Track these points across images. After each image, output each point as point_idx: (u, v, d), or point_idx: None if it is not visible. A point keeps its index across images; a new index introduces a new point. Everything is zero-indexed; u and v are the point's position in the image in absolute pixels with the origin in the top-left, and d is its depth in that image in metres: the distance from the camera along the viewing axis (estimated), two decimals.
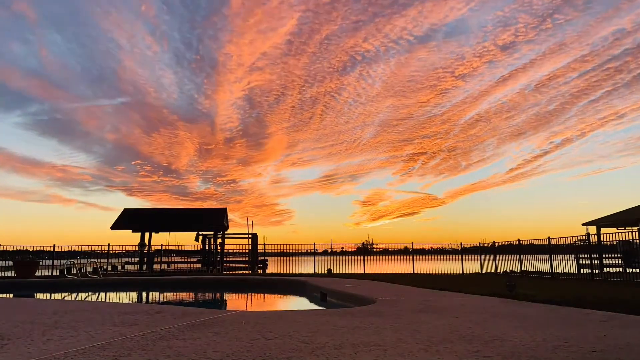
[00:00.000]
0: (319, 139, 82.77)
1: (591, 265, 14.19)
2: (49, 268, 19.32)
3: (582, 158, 79.08)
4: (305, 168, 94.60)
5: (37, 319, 4.83)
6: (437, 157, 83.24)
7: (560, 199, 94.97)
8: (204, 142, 77.50)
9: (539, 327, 4.20)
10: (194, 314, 5.21)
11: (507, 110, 68.67)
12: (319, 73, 68.06)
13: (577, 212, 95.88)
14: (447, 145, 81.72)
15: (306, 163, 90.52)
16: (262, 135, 79.53)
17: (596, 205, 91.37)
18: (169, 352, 3.07)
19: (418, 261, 20.34)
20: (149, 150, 76.13)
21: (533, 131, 71.37)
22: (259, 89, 69.78)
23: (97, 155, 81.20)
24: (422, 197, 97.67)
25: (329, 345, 3.32)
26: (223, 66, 64.75)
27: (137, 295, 13.63)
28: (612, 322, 4.46)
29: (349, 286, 9.98)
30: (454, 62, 64.63)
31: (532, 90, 64.51)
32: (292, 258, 21.28)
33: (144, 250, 22.30)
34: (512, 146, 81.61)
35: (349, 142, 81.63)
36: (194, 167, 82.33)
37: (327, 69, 67.23)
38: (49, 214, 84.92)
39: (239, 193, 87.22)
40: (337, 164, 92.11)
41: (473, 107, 71.55)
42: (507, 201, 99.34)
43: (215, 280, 15.71)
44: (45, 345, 3.39)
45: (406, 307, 5.88)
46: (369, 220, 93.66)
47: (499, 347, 3.24)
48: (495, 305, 6.20)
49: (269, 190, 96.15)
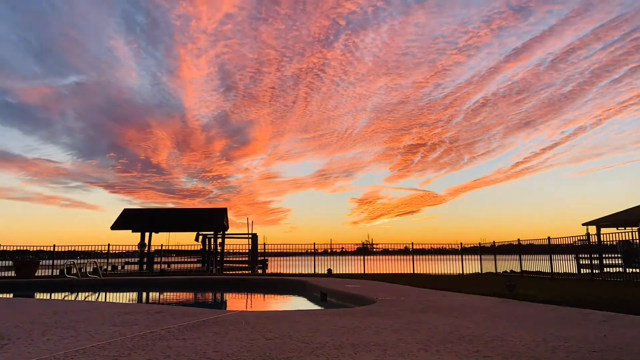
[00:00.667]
0: (306, 128, 75.81)
1: (591, 265, 14.19)
2: (49, 268, 19.32)
3: (593, 150, 72.66)
4: (295, 162, 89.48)
5: (37, 319, 4.83)
6: (437, 149, 75.96)
7: (564, 196, 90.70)
8: (179, 131, 70.96)
9: (539, 327, 4.20)
10: (193, 314, 5.21)
11: (517, 93, 60.18)
12: (297, 43, 58.86)
13: (580, 210, 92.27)
14: (449, 136, 73.21)
15: (296, 157, 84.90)
16: (242, 124, 72.86)
17: (601, 204, 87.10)
18: (169, 352, 3.07)
19: (418, 261, 20.34)
20: (122, 142, 70.17)
21: (544, 118, 63.85)
22: (230, 65, 62.10)
23: (67, 147, 74.93)
24: (422, 195, 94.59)
25: (329, 345, 3.32)
26: (181, 33, 54.67)
27: (137, 295, 13.63)
28: (612, 322, 4.46)
29: (349, 286, 9.98)
30: (458, 30, 55.50)
31: (547, 66, 56.28)
32: (292, 258, 21.28)
33: (144, 250, 22.30)
34: (520, 137, 73.27)
35: (340, 131, 74.50)
36: (175, 161, 78.21)
37: (306, 39, 58.15)
38: (40, 214, 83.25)
39: (228, 190, 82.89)
40: (330, 157, 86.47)
41: (479, 88, 62.51)
42: (510, 198, 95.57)
43: (215, 281, 15.71)
44: (45, 345, 3.39)
45: (406, 307, 5.88)
46: (367, 219, 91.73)
47: (499, 347, 3.24)
48: (495, 305, 6.20)
49: (259, 187, 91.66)
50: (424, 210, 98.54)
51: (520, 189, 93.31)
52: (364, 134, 76.51)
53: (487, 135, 73.15)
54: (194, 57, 59.55)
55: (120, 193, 77.04)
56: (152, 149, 72.87)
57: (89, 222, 79.89)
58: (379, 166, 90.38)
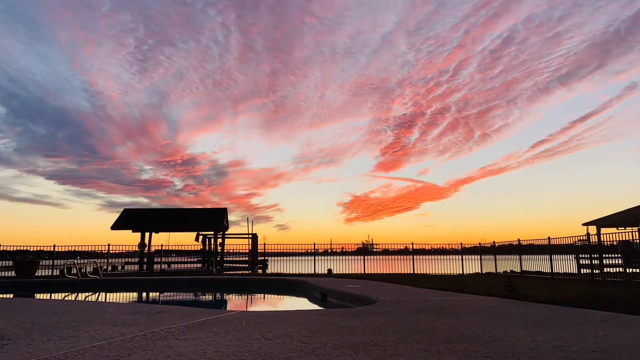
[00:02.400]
0: (260, 91, 53.12)
1: (591, 266, 14.19)
2: (49, 268, 19.32)
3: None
4: (261, 140, 70.25)
5: (37, 319, 4.83)
6: (440, 122, 48.94)
7: (587, 185, 71.03)
8: (103, 110, 60.60)
9: (539, 327, 4.20)
10: (194, 314, 5.21)
11: (558, 20, 35.89)
12: None
13: (611, 199, 74.74)
14: (456, 100, 44.78)
15: (261, 134, 64.62)
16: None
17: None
18: (169, 352, 3.06)
19: (418, 261, 20.34)
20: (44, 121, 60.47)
21: (588, 66, 38.97)
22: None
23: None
24: (420, 187, 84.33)
25: (329, 345, 3.32)
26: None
27: (137, 295, 13.63)
28: (612, 322, 4.46)
29: (349, 286, 9.98)
30: None
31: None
32: (292, 258, 21.28)
33: (144, 251, 22.30)
34: (553, 99, 46.60)
35: (311, 99, 50.33)
36: (122, 148, 69.55)
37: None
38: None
39: (196, 180, 73.06)
40: (304, 133, 63.72)
41: (503, 13, 36.55)
42: (526, 186, 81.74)
43: (215, 281, 15.72)
44: (45, 345, 3.39)
45: (406, 307, 5.88)
46: (362, 217, 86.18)
47: (499, 347, 3.24)
48: (496, 305, 6.20)
49: (235, 179, 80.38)
50: (423, 206, 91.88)
51: (541, 175, 76.02)
52: (342, 99, 52.69)
53: (508, 97, 47.01)
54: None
55: (72, 184, 69.82)
56: (90, 133, 65.27)
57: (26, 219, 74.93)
58: (367, 149, 71.87)
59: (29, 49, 61.20)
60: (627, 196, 72.75)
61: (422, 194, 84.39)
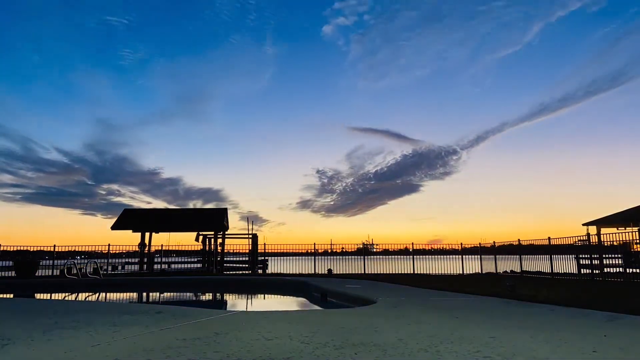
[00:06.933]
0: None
1: (591, 266, 14.18)
2: (49, 268, 19.32)
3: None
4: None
5: (37, 319, 4.83)
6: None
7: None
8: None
9: (539, 327, 4.20)
10: (194, 314, 5.21)
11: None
12: None
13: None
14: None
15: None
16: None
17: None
18: (169, 352, 3.07)
19: (418, 261, 20.33)
20: None
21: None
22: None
23: None
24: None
25: (329, 345, 3.32)
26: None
27: (137, 295, 13.62)
28: (612, 322, 4.46)
29: (349, 286, 9.98)
30: None
31: None
32: (293, 258, 21.27)
33: (144, 251, 22.30)
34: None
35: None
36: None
37: None
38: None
39: (137, 176, 65.11)
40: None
41: None
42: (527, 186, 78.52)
43: (215, 281, 15.72)
44: (45, 345, 3.39)
45: (406, 307, 5.88)
46: (361, 210, 78.01)
47: (499, 347, 3.24)
48: (496, 305, 6.19)
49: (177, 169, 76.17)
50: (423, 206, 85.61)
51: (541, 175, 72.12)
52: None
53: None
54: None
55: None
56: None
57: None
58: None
59: None
60: (627, 196, 72.47)
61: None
